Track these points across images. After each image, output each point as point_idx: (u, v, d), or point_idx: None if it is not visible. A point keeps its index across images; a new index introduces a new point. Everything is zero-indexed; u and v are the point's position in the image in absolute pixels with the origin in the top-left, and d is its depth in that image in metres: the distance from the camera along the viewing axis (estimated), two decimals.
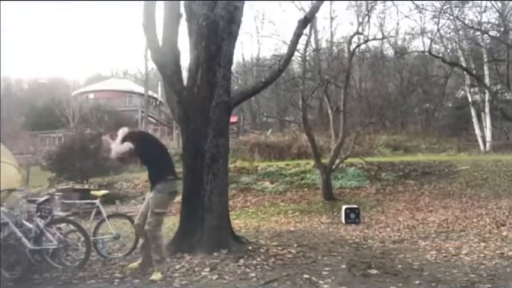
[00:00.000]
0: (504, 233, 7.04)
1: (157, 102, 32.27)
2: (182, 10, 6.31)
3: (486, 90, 16.98)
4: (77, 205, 8.55)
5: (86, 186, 12.45)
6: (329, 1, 19.49)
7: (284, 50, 15.33)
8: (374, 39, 16.57)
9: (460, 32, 16.94)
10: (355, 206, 9.48)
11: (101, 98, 30.23)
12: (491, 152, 17.07)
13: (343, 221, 9.02)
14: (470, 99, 19.03)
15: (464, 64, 17.22)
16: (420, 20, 33.98)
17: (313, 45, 17.89)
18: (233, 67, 7.82)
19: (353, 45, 13.35)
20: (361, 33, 13.63)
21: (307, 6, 15.82)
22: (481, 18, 15.87)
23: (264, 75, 12.72)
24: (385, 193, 11.47)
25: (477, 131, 18.38)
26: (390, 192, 11.49)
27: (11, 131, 22.86)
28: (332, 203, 10.81)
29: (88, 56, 63.39)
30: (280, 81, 16.50)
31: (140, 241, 4.76)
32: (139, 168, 17.64)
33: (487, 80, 17.35)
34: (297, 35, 6.61)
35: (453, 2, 13.89)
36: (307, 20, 6.78)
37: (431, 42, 16.79)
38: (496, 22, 15.60)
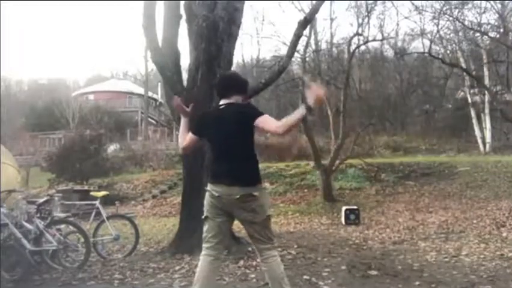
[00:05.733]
0: (504, 234, 7.03)
1: (157, 103, 32.26)
2: (182, 11, 6.33)
3: (486, 91, 16.98)
4: (77, 206, 8.55)
5: (86, 187, 12.45)
6: (329, 1, 19.46)
7: (284, 51, 15.36)
8: (374, 40, 16.62)
9: (460, 33, 16.95)
10: (355, 207, 9.47)
11: (101, 99, 30.20)
12: (491, 153, 17.06)
13: (343, 222, 9.02)
14: (469, 100, 19.03)
15: (463, 65, 17.23)
16: (420, 21, 34.11)
17: (313, 46, 17.90)
18: (233, 68, 7.82)
19: (353, 46, 13.38)
20: (361, 34, 13.69)
21: (307, 7, 15.86)
22: (480, 20, 15.89)
23: (264, 76, 12.73)
24: (385, 194, 11.46)
25: (477, 132, 18.38)
26: (390, 193, 11.49)
27: (11, 132, 22.85)
28: (331, 204, 10.80)
29: (88, 56, 63.53)
30: (280, 82, 16.49)
31: None
32: (138, 169, 17.73)
33: (486, 81, 17.36)
34: (297, 36, 6.62)
35: (453, 3, 13.92)
36: (307, 21, 6.79)
37: (431, 43, 16.78)
38: (496, 23, 15.63)
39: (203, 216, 2.99)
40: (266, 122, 2.79)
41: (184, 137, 3.10)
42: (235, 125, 2.89)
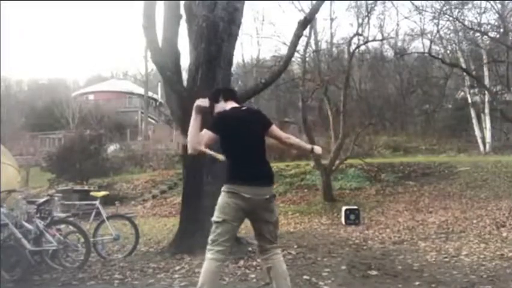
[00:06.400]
0: (504, 234, 7.03)
1: (157, 103, 32.24)
2: (182, 11, 6.33)
3: (486, 92, 16.97)
4: (76, 206, 8.56)
5: (86, 187, 12.45)
6: (329, 1, 19.44)
7: (284, 51, 15.35)
8: (374, 40, 16.56)
9: (460, 33, 16.95)
10: (355, 207, 9.47)
11: (101, 99, 30.18)
12: (491, 153, 17.06)
13: (343, 222, 9.02)
14: (469, 100, 19.02)
15: (463, 65, 17.22)
16: (420, 21, 34.11)
17: (313, 46, 17.88)
18: (233, 68, 7.83)
19: (353, 47, 13.36)
20: (361, 35, 13.65)
21: (307, 7, 15.83)
22: (480, 20, 15.88)
23: (264, 76, 12.72)
24: (385, 194, 11.46)
25: (477, 132, 18.37)
26: (390, 193, 11.49)
27: (11, 132, 22.84)
28: (331, 204, 10.80)
29: (88, 57, 63.47)
30: (280, 82, 16.47)
31: None
32: (138, 169, 17.74)
33: (486, 81, 17.35)
34: (297, 36, 6.62)
35: (453, 3, 13.90)
36: (307, 21, 6.79)
37: (431, 43, 16.73)
38: (496, 23, 15.62)
39: (218, 219, 2.85)
40: (278, 130, 3.17)
41: (198, 137, 2.86)
42: (259, 127, 3.03)
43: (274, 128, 3.13)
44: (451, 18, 14.46)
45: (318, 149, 3.39)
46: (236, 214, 2.88)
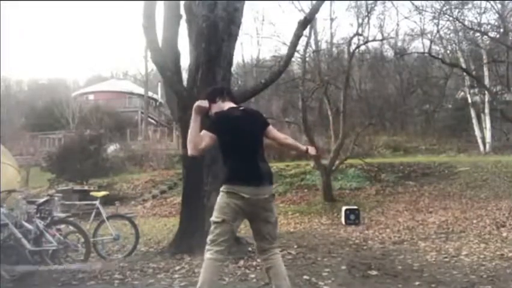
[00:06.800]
0: (504, 234, 7.04)
1: (157, 103, 32.25)
2: (182, 11, 6.34)
3: (486, 92, 16.97)
4: (77, 206, 8.58)
5: (86, 187, 12.45)
6: (329, 1, 19.42)
7: (284, 51, 15.33)
8: (374, 40, 16.53)
9: (460, 33, 16.95)
10: (355, 207, 9.47)
11: (101, 99, 30.18)
12: (491, 153, 17.06)
13: (343, 222, 9.02)
14: (469, 101, 19.02)
15: (463, 65, 17.21)
16: (420, 21, 34.12)
17: (313, 46, 17.87)
18: (233, 68, 7.83)
19: (353, 47, 13.36)
20: (361, 35, 13.63)
21: (307, 7, 15.81)
22: (480, 20, 15.87)
23: (264, 76, 12.72)
24: (385, 194, 11.46)
25: (477, 132, 18.37)
26: (390, 193, 11.49)
27: (11, 132, 22.82)
28: (331, 204, 10.80)
29: (88, 57, 63.46)
30: (280, 82, 16.47)
31: None
32: (138, 169, 17.73)
33: (486, 81, 17.34)
34: (297, 36, 6.62)
35: (453, 3, 13.90)
36: (307, 21, 6.79)
37: (431, 43, 16.71)
38: (496, 23, 15.61)
39: (217, 220, 2.85)
40: (275, 131, 3.21)
41: (199, 138, 2.86)
42: (257, 127, 3.04)
43: (272, 129, 3.15)
44: (451, 18, 14.46)
45: (312, 150, 3.39)
46: (235, 214, 2.87)
